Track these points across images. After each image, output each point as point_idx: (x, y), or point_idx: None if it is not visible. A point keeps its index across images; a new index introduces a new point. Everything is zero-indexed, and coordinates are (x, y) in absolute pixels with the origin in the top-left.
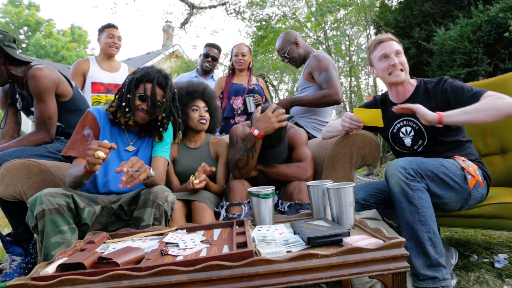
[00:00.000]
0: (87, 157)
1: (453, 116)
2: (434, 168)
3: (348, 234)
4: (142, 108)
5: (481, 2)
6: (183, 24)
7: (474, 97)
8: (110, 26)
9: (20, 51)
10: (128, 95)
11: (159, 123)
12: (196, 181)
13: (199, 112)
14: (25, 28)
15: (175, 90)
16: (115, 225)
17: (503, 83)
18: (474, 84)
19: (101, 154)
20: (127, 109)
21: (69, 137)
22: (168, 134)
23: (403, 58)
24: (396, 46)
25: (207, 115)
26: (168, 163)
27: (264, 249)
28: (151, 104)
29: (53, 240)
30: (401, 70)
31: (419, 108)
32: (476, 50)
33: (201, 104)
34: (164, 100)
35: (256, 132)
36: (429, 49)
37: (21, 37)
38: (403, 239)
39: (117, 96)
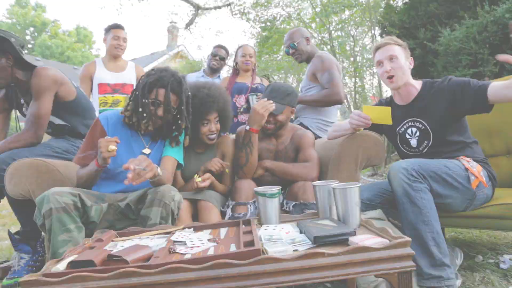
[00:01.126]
0: (101, 153)
1: None
2: (437, 169)
3: (354, 233)
4: (155, 113)
5: (487, 2)
6: (188, 25)
7: (480, 90)
8: (115, 27)
9: (26, 52)
10: (144, 100)
11: (174, 127)
12: (199, 179)
13: (209, 127)
14: (31, 28)
15: (189, 94)
16: (121, 223)
17: None
18: None
19: (112, 147)
20: (144, 114)
21: (75, 136)
22: (181, 136)
23: (398, 63)
24: (391, 50)
25: (217, 126)
26: (182, 165)
27: (271, 247)
28: (165, 110)
29: (60, 238)
30: (394, 75)
31: None
32: (482, 51)
33: (213, 115)
34: (178, 106)
35: (248, 127)
36: (434, 49)
37: (27, 37)
38: (408, 239)
39: (131, 98)
